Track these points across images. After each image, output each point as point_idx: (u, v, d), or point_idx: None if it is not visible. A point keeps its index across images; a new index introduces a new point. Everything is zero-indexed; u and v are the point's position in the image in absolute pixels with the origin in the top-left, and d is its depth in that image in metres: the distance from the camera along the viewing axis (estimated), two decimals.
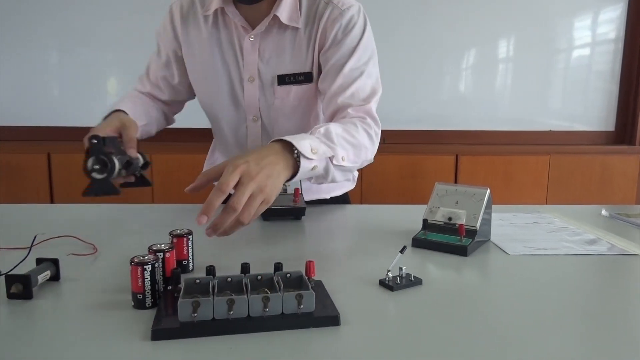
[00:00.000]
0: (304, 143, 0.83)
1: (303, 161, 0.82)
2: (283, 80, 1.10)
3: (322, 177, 0.91)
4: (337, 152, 0.90)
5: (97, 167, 0.79)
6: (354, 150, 0.95)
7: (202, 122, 1.29)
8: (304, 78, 1.10)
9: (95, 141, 0.79)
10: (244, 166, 0.72)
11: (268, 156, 0.77)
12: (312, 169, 0.85)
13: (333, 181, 0.93)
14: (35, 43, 2.40)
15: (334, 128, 0.93)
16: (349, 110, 1.03)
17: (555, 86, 2.64)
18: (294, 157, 0.82)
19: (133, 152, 0.86)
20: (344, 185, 1.30)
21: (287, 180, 0.81)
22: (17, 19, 2.36)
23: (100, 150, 0.80)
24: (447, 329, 0.58)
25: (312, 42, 1.07)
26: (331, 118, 1.07)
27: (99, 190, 0.80)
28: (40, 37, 2.40)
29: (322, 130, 0.90)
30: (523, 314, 0.62)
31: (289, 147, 0.82)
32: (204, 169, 1.31)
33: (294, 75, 1.09)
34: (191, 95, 1.23)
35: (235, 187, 0.71)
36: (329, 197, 1.26)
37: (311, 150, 0.83)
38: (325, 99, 1.07)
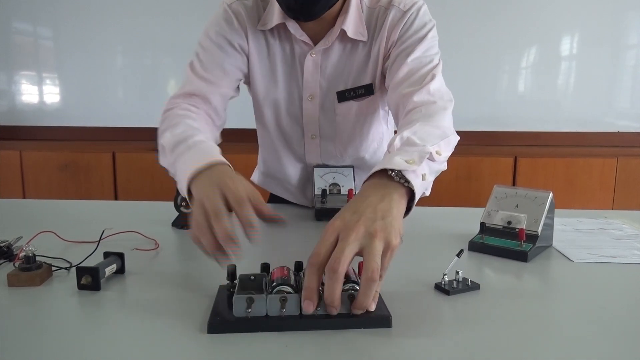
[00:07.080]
0: (394, 161, 0.68)
1: (408, 175, 0.67)
2: (343, 96, 1.05)
3: (429, 184, 0.76)
4: (427, 149, 0.74)
5: (184, 203, 0.97)
6: (443, 141, 0.83)
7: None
8: (365, 91, 1.04)
9: None
10: (338, 222, 0.60)
11: (365, 200, 0.64)
12: (423, 178, 0.71)
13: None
14: (101, 48, 2.54)
15: (407, 132, 0.79)
16: (414, 98, 0.92)
17: (624, 84, 2.50)
18: (396, 181, 0.67)
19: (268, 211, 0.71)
20: None
21: (407, 213, 0.68)
22: (84, 26, 2.51)
23: None
24: (505, 337, 0.56)
25: (374, 52, 1.01)
26: (397, 110, 0.98)
27: (185, 222, 0.97)
28: (106, 43, 2.54)
29: (397, 142, 0.77)
30: (588, 324, 0.59)
31: (382, 176, 0.68)
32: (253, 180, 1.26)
33: (354, 89, 1.04)
34: (235, 94, 1.07)
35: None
36: None
37: (405, 161, 0.68)
38: (390, 89, 0.99)
